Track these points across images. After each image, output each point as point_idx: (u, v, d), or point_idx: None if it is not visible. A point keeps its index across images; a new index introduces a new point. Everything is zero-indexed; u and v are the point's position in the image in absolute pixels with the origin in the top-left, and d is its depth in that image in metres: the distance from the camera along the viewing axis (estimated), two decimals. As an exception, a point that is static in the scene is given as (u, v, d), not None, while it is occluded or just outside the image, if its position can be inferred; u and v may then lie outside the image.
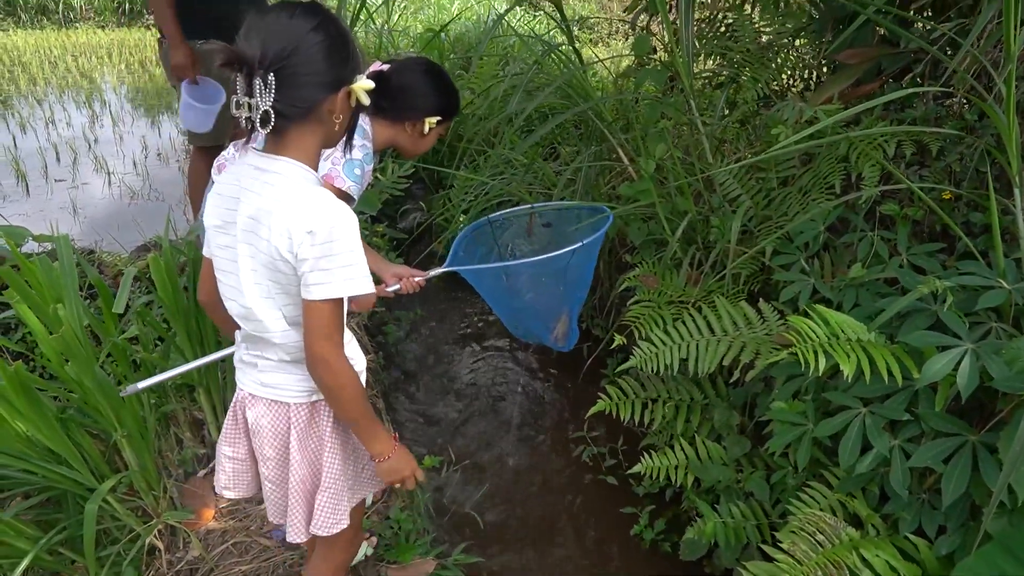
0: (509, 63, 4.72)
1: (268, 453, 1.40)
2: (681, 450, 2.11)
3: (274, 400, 1.37)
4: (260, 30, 1.16)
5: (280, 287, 1.26)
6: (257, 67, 1.14)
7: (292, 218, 1.18)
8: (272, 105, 1.15)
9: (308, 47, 1.16)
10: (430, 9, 10.86)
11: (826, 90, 2.38)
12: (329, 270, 1.19)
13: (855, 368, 1.48)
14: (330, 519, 1.41)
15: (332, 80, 1.21)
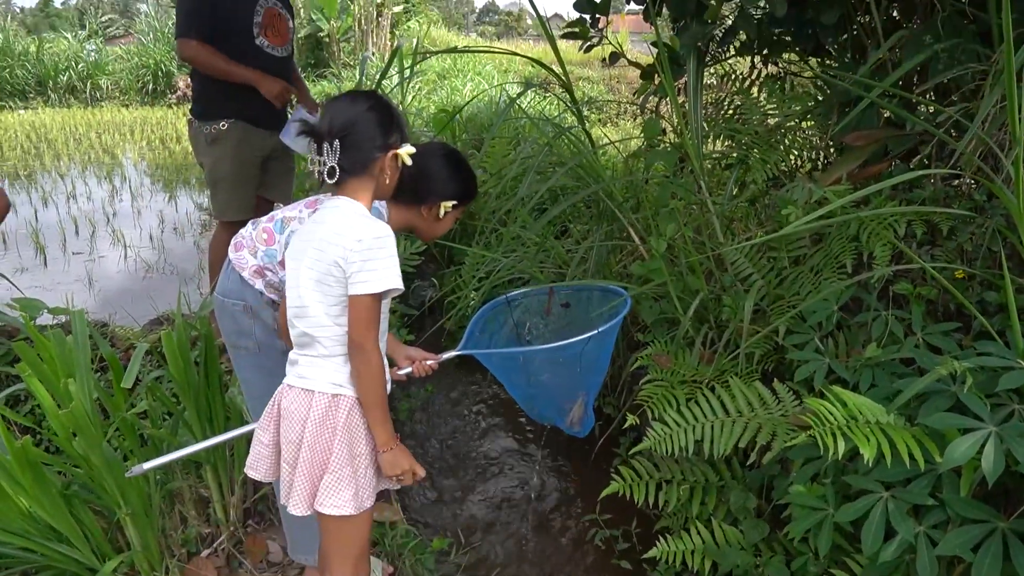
0: (521, 143, 4.82)
1: (290, 436, 1.63)
2: (697, 534, 2.06)
3: (303, 389, 1.62)
4: (330, 110, 1.59)
5: (329, 290, 1.56)
6: (326, 136, 1.54)
7: (346, 232, 1.53)
8: (337, 163, 1.54)
9: (364, 121, 1.56)
10: (443, 91, 11.19)
11: (835, 171, 2.42)
12: (373, 270, 1.52)
13: (875, 451, 1.45)
14: (332, 498, 1.60)
15: (382, 144, 1.59)
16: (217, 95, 3.25)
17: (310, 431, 1.59)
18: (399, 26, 16.52)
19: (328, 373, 1.61)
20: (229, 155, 3.29)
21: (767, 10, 2.90)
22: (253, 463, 1.73)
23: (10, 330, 3.26)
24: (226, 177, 3.33)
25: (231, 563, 2.27)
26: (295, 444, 1.62)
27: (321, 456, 1.60)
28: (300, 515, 1.62)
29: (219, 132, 3.27)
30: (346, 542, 1.69)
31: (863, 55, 2.91)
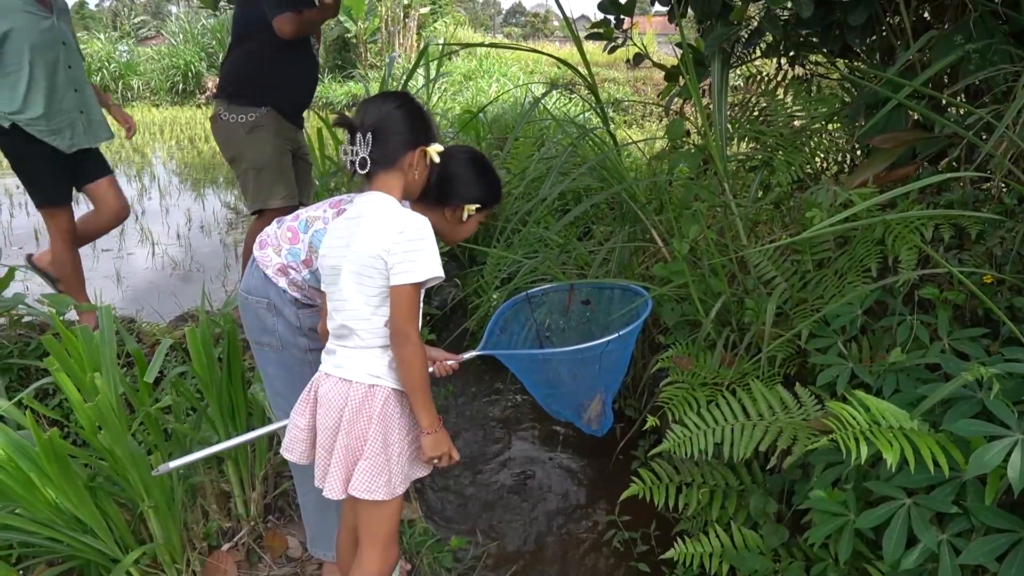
0: (544, 144, 4.82)
1: (327, 422, 1.68)
2: (716, 537, 2.04)
3: (341, 378, 1.68)
4: (365, 107, 1.68)
5: (370, 281, 1.62)
6: (359, 128, 1.63)
7: (385, 225, 1.60)
8: (368, 154, 1.62)
9: (395, 117, 1.65)
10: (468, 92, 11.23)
11: (861, 174, 2.39)
12: (415, 260, 1.58)
13: (899, 457, 1.43)
14: (367, 483, 1.64)
15: (411, 140, 1.66)
16: (256, 83, 3.30)
17: (347, 419, 1.65)
18: (426, 27, 16.59)
19: (366, 364, 1.66)
20: (271, 141, 3.34)
21: (793, 11, 2.87)
22: (289, 445, 1.78)
23: (40, 325, 3.32)
24: (271, 163, 3.36)
25: (251, 557, 2.30)
26: (331, 430, 1.67)
27: (357, 443, 1.65)
28: (335, 498, 1.67)
29: (257, 119, 3.31)
30: (377, 526, 1.74)
31: (891, 56, 2.87)
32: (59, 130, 3.25)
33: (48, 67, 3.19)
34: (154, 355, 2.20)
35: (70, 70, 3.28)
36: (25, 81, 3.14)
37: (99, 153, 3.54)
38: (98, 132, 3.45)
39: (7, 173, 8.30)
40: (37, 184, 3.34)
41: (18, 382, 2.96)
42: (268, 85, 3.29)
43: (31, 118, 3.18)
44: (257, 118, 3.30)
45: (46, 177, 3.32)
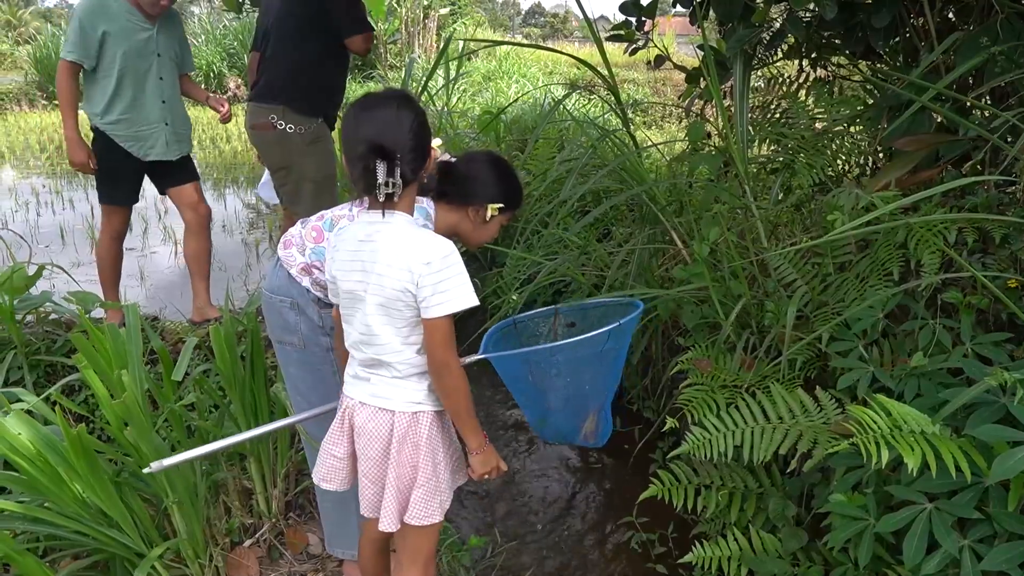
0: (565, 146, 4.83)
1: (370, 453, 1.65)
2: (735, 540, 2.04)
3: (381, 408, 1.64)
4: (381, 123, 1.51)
5: (399, 314, 1.56)
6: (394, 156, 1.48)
7: (409, 257, 1.51)
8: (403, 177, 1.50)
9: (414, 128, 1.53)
10: (488, 92, 11.25)
11: (883, 177, 2.38)
12: (447, 291, 1.52)
13: (920, 461, 1.42)
14: (424, 510, 1.65)
15: (424, 146, 1.57)
16: (314, 93, 3.31)
17: (395, 449, 1.62)
18: (445, 28, 16.64)
19: (406, 393, 1.63)
20: (332, 153, 3.40)
21: (816, 13, 2.86)
22: (327, 476, 1.75)
23: (66, 322, 3.38)
24: (331, 175, 3.41)
25: (272, 554, 2.32)
26: (376, 461, 1.65)
27: (408, 471, 1.64)
28: (390, 531, 1.65)
29: (316, 130, 3.34)
30: (422, 546, 1.75)
31: (915, 58, 2.85)
32: (138, 138, 3.36)
33: (138, 76, 3.29)
34: (180, 353, 2.23)
35: (161, 81, 3.37)
36: (113, 86, 3.25)
37: (188, 159, 3.65)
38: (180, 146, 3.54)
39: (32, 172, 8.43)
40: (104, 182, 3.47)
41: (45, 378, 3.02)
42: (323, 96, 3.33)
43: (110, 122, 3.31)
44: (315, 128, 3.33)
45: (114, 178, 3.45)
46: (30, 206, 6.80)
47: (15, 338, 2.93)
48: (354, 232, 1.61)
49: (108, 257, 3.60)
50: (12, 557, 1.69)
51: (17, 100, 14.02)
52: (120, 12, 3.20)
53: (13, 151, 9.67)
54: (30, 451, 1.80)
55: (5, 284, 2.95)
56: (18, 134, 10.84)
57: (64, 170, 8.52)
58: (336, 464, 1.73)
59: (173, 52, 3.43)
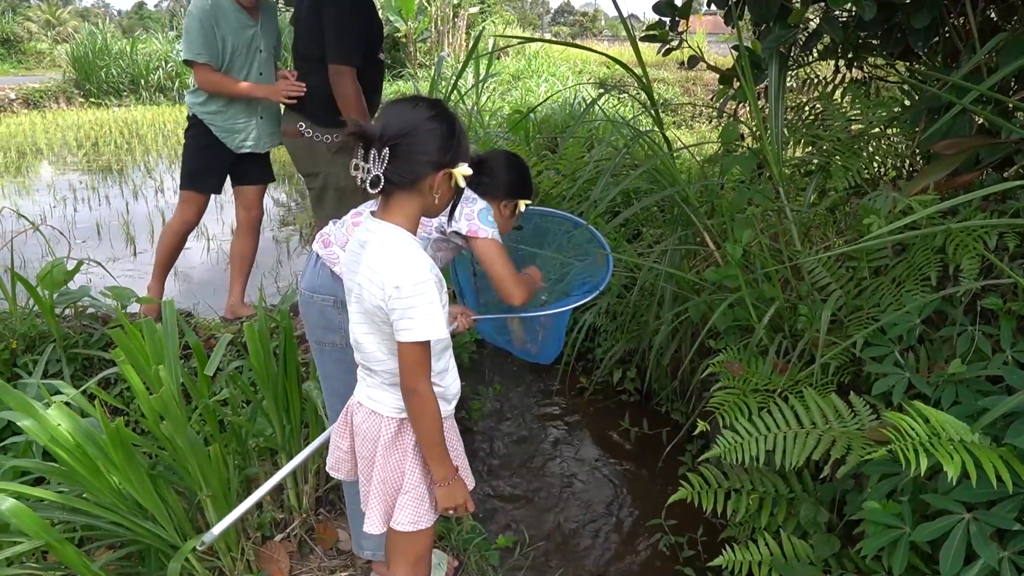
0: (595, 145, 4.81)
1: (363, 452, 1.68)
2: (765, 545, 2.02)
3: (372, 411, 1.65)
4: (388, 113, 1.48)
5: (377, 327, 1.55)
6: (376, 141, 1.42)
7: (385, 275, 1.45)
8: (383, 172, 1.42)
9: (422, 132, 1.44)
10: (517, 91, 11.25)
11: (921, 180, 2.34)
12: (414, 319, 1.45)
13: (959, 470, 1.40)
14: (411, 515, 1.64)
15: (436, 161, 1.46)
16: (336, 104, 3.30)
17: (381, 454, 1.64)
18: (475, 27, 16.67)
19: (393, 399, 1.63)
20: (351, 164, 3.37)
21: (854, 13, 2.82)
22: (334, 465, 1.81)
23: (103, 316, 3.44)
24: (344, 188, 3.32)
25: (302, 549, 2.35)
26: (368, 461, 1.68)
27: (394, 477, 1.65)
28: (375, 533, 1.67)
29: (342, 140, 3.32)
30: (408, 549, 1.74)
31: (955, 59, 2.80)
32: (233, 130, 3.46)
33: (240, 71, 3.39)
34: (214, 349, 2.26)
35: (260, 76, 3.45)
36: None
37: (267, 159, 3.72)
38: (272, 139, 3.60)
39: (69, 168, 8.60)
40: (190, 166, 3.55)
41: (82, 371, 3.07)
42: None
43: (209, 111, 3.42)
44: (341, 139, 3.30)
45: (201, 164, 3.54)
46: (67, 202, 6.93)
47: (54, 331, 2.99)
48: (357, 232, 1.59)
49: (170, 245, 3.68)
50: (52, 545, 1.73)
51: (55, 97, 14.31)
52: (230, 10, 3.30)
53: (51, 147, 9.87)
54: (69, 442, 1.84)
55: (45, 278, 3.01)
56: (56, 131, 11.06)
57: (99, 167, 8.68)
58: (341, 455, 1.78)
59: (271, 46, 3.52)
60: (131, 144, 10.17)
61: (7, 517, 1.66)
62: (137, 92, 15.10)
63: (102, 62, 14.88)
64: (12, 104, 13.47)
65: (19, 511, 1.66)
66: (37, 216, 6.27)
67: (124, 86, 15.09)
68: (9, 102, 13.46)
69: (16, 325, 3.05)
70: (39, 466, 1.98)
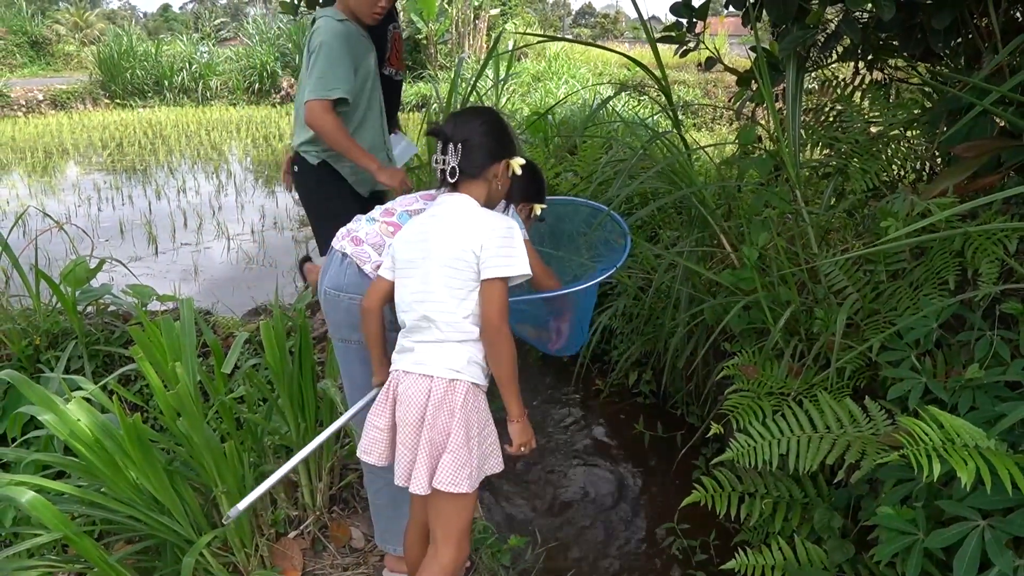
0: (612, 146, 4.81)
1: (408, 418, 1.73)
2: (778, 550, 2.01)
3: (422, 374, 1.73)
4: (456, 119, 1.81)
5: (457, 272, 1.71)
6: (451, 138, 1.76)
7: (477, 222, 1.73)
8: (457, 164, 1.76)
9: (483, 131, 1.79)
10: (537, 93, 11.25)
11: (941, 183, 2.31)
12: (509, 256, 1.70)
13: (974, 476, 1.39)
14: (452, 476, 1.70)
15: (496, 153, 1.80)
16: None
17: (430, 413, 1.71)
18: (495, 28, 16.71)
19: (445, 359, 1.72)
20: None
21: (873, 14, 2.80)
22: (368, 447, 1.83)
23: (123, 314, 3.48)
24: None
25: (316, 546, 2.37)
26: (413, 426, 1.73)
27: (440, 437, 1.71)
28: (421, 494, 1.72)
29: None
30: (454, 520, 1.79)
31: (977, 60, 2.77)
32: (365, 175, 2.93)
33: (370, 102, 2.91)
34: (231, 347, 2.28)
35: (382, 106, 3.02)
36: (359, 117, 2.86)
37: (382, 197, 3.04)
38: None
39: (93, 167, 8.71)
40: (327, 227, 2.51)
41: (102, 367, 3.12)
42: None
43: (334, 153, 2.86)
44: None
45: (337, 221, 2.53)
46: (92, 201, 7.04)
47: (76, 328, 3.04)
48: (423, 214, 1.83)
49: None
50: (70, 538, 1.76)
51: (82, 99, 14.53)
52: (355, 32, 2.78)
53: (77, 147, 10.02)
54: (88, 438, 1.87)
55: (68, 276, 3.06)
56: (82, 131, 11.23)
57: (123, 167, 8.80)
58: (377, 436, 1.81)
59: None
60: (155, 145, 10.29)
61: (28, 510, 1.69)
62: (161, 93, 15.31)
63: (127, 64, 15.10)
64: (40, 105, 13.70)
65: (39, 504, 1.69)
66: (62, 215, 6.37)
67: (148, 87, 15.30)
68: (37, 103, 13.69)
69: (40, 322, 3.10)
70: (59, 460, 2.02)
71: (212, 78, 16.00)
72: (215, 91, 15.89)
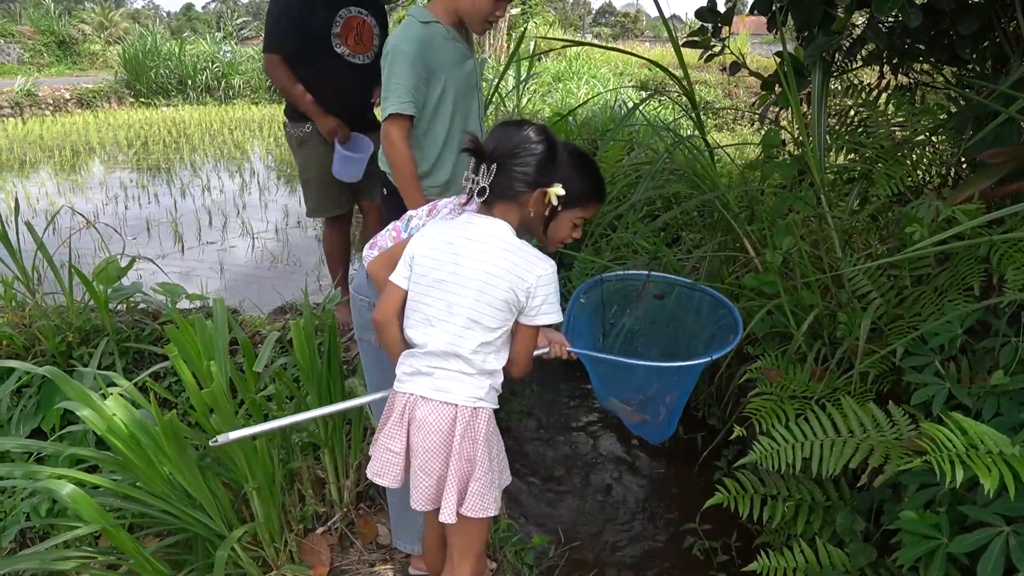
0: (634, 148, 4.82)
1: (428, 445, 1.69)
2: (800, 552, 2.02)
3: (444, 402, 1.68)
4: (498, 134, 1.66)
5: (495, 314, 1.65)
6: (486, 157, 1.62)
7: (526, 265, 1.64)
8: (489, 184, 1.62)
9: (525, 154, 1.62)
10: (557, 93, 11.26)
11: (966, 189, 2.31)
12: (553, 303, 1.66)
13: (997, 483, 1.40)
14: (480, 503, 1.70)
15: (533, 181, 1.65)
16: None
17: (458, 443, 1.67)
18: (516, 28, 16.71)
19: (470, 389, 1.69)
20: (315, 158, 3.46)
21: (899, 19, 2.80)
22: (381, 471, 1.77)
23: (153, 311, 3.55)
24: (312, 179, 3.52)
25: (343, 542, 2.41)
26: (433, 453, 1.68)
27: (468, 465, 1.70)
28: (451, 522, 1.69)
29: (306, 135, 3.43)
30: (475, 540, 1.80)
31: (1004, 65, 2.76)
32: None
33: (465, 121, 2.59)
34: (262, 346, 2.33)
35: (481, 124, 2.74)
36: (441, 138, 2.55)
37: None
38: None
39: (119, 166, 8.84)
40: None
41: (133, 364, 3.18)
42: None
43: (433, 185, 2.59)
44: (304, 134, 3.44)
45: None
46: (119, 199, 7.14)
47: (108, 325, 3.10)
48: (453, 224, 1.72)
49: None
50: (107, 531, 1.81)
51: (107, 98, 14.72)
52: (443, 39, 2.49)
53: (103, 146, 10.16)
54: (124, 433, 1.92)
55: (101, 274, 3.12)
56: (108, 130, 11.38)
57: (149, 165, 8.92)
58: (392, 459, 1.75)
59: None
60: (179, 143, 10.41)
61: (68, 503, 1.74)
62: (185, 92, 15.47)
63: (151, 63, 15.28)
64: (67, 104, 13.90)
65: (78, 497, 1.74)
66: (91, 213, 6.47)
67: (172, 86, 15.46)
68: (64, 102, 13.88)
69: (72, 319, 3.17)
70: (96, 455, 2.07)
71: (235, 77, 16.14)
72: (238, 90, 16.02)
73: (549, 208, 1.78)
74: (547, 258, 1.67)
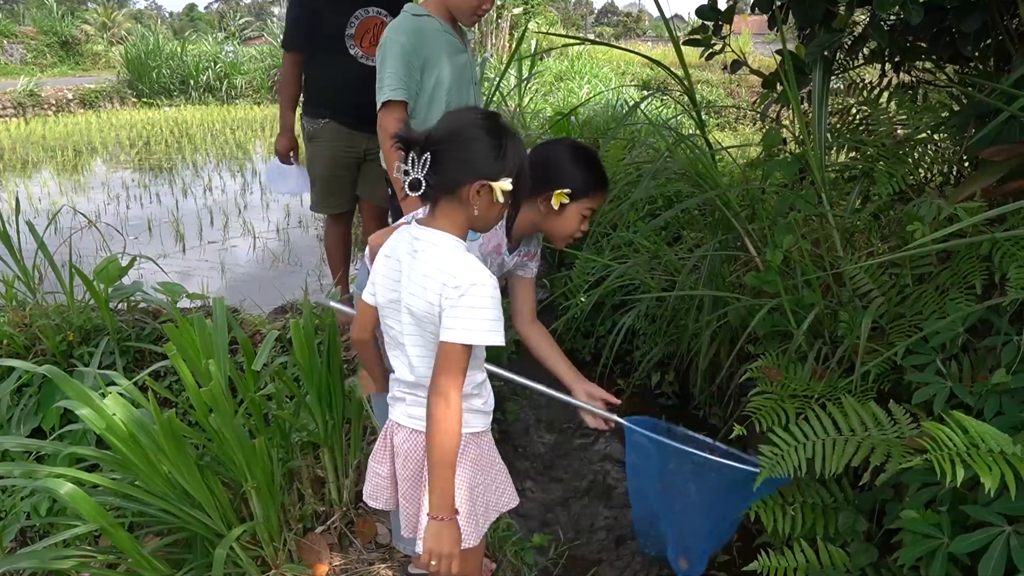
0: (635, 147, 4.81)
1: (405, 473, 1.64)
2: (801, 552, 2.01)
3: (414, 429, 1.61)
4: (442, 120, 1.47)
5: (427, 338, 1.51)
6: (415, 144, 1.41)
7: (443, 275, 1.43)
8: (423, 176, 1.40)
9: (464, 139, 1.41)
10: (559, 93, 11.26)
11: (968, 187, 2.30)
12: (465, 319, 1.41)
13: (998, 482, 1.39)
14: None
15: (474, 171, 1.42)
16: (317, 93, 3.46)
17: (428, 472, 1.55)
18: (518, 27, 16.71)
19: None
20: (323, 153, 3.50)
21: (901, 17, 2.79)
22: (373, 494, 1.75)
23: (153, 311, 3.55)
24: (319, 174, 3.56)
25: (342, 541, 2.41)
26: (411, 481, 1.65)
27: None
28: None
29: (317, 130, 3.47)
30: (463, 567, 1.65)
31: (1007, 62, 2.75)
32: None
33: (441, 108, 2.61)
34: (261, 345, 2.33)
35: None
36: (420, 121, 2.61)
37: None
38: None
39: (121, 166, 8.85)
40: None
41: (133, 363, 3.18)
42: (325, 97, 3.43)
43: None
44: (315, 130, 3.48)
45: None
46: (120, 199, 7.15)
47: (108, 325, 3.10)
48: (398, 239, 1.56)
49: None
50: (106, 530, 1.80)
51: (110, 98, 14.75)
52: (435, 31, 2.54)
53: (105, 146, 10.18)
54: (123, 432, 1.92)
55: (102, 273, 3.12)
56: (110, 130, 11.40)
57: (151, 165, 8.93)
58: (380, 483, 1.72)
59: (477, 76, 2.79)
60: (181, 143, 10.43)
61: (67, 501, 1.73)
62: (187, 92, 15.50)
63: (154, 63, 15.32)
64: (70, 104, 13.93)
65: (77, 496, 1.74)
66: (92, 212, 6.48)
67: (174, 86, 15.49)
68: (67, 102, 13.91)
69: (73, 318, 3.17)
70: (95, 454, 2.07)
71: (237, 77, 16.18)
72: (240, 90, 16.06)
73: (559, 207, 1.80)
74: (477, 271, 1.44)
